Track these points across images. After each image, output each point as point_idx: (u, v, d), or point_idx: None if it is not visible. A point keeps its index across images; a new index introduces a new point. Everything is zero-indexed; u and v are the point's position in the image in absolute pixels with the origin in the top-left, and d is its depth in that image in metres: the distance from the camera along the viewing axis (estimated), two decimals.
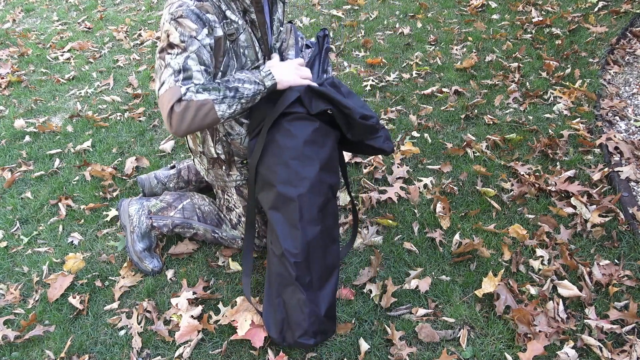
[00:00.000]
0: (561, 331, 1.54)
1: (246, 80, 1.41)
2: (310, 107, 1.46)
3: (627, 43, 3.01)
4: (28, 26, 4.08)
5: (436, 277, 1.77)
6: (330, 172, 1.50)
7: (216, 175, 1.76)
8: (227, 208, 1.84)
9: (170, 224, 1.83)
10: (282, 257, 1.43)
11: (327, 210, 1.48)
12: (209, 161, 1.72)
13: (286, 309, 1.46)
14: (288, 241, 1.42)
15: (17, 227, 2.13)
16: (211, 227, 1.84)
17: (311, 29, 3.54)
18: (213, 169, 1.74)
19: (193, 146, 1.72)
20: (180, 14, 1.35)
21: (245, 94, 1.40)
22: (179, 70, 1.34)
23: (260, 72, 1.43)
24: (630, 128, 2.39)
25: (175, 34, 1.35)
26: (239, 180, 1.75)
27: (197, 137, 1.67)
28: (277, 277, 1.46)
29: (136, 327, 1.67)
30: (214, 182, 1.79)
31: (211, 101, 1.34)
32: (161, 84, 1.36)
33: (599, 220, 1.87)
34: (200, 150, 1.70)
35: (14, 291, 1.83)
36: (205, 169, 1.77)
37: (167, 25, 1.36)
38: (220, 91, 1.36)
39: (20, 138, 2.70)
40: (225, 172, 1.73)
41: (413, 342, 1.57)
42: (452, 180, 2.17)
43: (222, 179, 1.76)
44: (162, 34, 1.39)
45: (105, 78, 3.22)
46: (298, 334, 1.44)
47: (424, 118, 2.57)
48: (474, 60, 2.95)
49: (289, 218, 1.43)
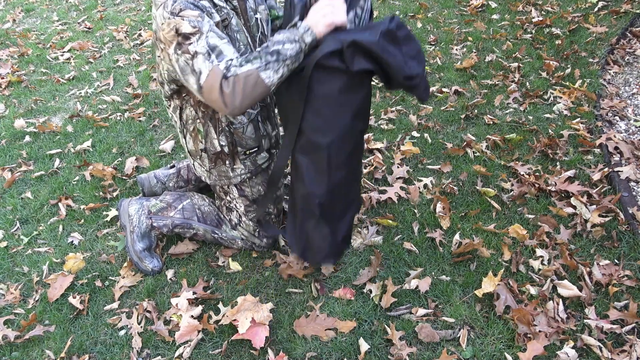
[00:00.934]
0: (561, 331, 1.54)
1: (285, 41, 1.32)
2: (351, 64, 1.32)
3: (627, 43, 3.01)
4: (28, 26, 4.08)
5: (436, 277, 1.77)
6: (362, 118, 1.43)
7: (219, 174, 1.74)
8: (227, 209, 1.83)
9: (170, 224, 1.83)
10: (306, 197, 1.45)
11: (355, 154, 1.47)
12: (211, 159, 1.70)
13: (309, 238, 1.53)
14: (314, 185, 1.42)
15: (17, 227, 2.13)
16: (211, 227, 1.84)
17: None
18: (216, 167, 1.72)
19: (194, 147, 1.70)
20: (180, 8, 1.33)
21: (288, 54, 1.32)
22: (207, 52, 1.31)
23: (298, 29, 1.33)
24: (630, 128, 2.39)
25: (183, 24, 1.32)
26: (243, 174, 1.74)
27: (199, 133, 1.65)
28: (301, 211, 1.50)
29: (136, 327, 1.67)
30: (217, 182, 1.77)
31: (255, 70, 1.29)
32: (198, 74, 1.31)
33: (599, 220, 1.87)
34: (201, 148, 1.68)
35: (14, 291, 1.83)
36: (207, 170, 1.74)
37: (173, 21, 1.33)
38: (262, 58, 1.30)
39: (20, 138, 2.70)
40: (229, 167, 1.71)
41: (413, 342, 1.57)
42: (452, 180, 2.17)
43: (226, 175, 1.73)
44: (169, 33, 1.34)
45: (105, 78, 3.22)
46: (319, 257, 1.57)
47: (424, 118, 2.57)
48: (474, 60, 2.95)
49: (317, 164, 1.41)
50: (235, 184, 1.77)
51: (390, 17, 1.33)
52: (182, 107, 1.62)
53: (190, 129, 1.66)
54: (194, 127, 1.65)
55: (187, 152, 1.75)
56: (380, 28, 1.29)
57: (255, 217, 1.81)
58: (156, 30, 1.41)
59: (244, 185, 1.77)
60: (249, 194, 1.79)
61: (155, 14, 1.39)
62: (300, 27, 1.33)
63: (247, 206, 1.80)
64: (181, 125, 1.67)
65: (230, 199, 1.80)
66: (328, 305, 1.70)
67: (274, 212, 1.85)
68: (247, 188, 1.78)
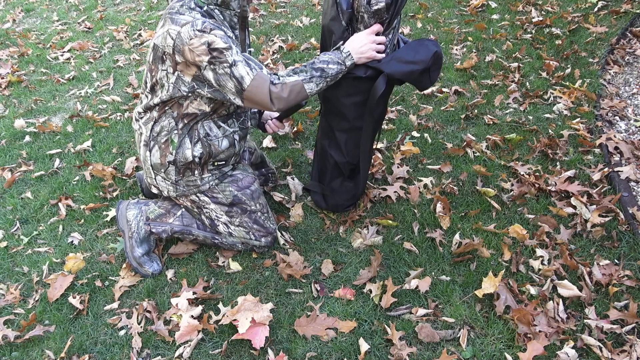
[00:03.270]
0: (561, 331, 1.54)
1: (330, 62, 1.58)
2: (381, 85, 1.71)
3: (627, 43, 3.01)
4: (28, 26, 4.08)
5: (436, 277, 1.77)
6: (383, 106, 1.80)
7: (187, 184, 1.73)
8: (212, 221, 1.82)
9: (169, 230, 1.83)
10: (342, 163, 1.87)
11: (379, 122, 1.86)
12: (179, 170, 1.69)
13: (334, 193, 1.98)
14: (351, 155, 1.85)
15: (17, 227, 2.13)
16: (211, 234, 1.84)
17: (311, 28, 3.54)
18: (183, 178, 1.72)
19: (160, 159, 1.68)
20: (210, 27, 1.47)
21: (330, 74, 1.58)
22: (244, 61, 1.50)
23: (342, 53, 1.59)
24: (630, 128, 2.39)
25: (217, 40, 1.46)
26: (212, 181, 1.75)
27: (171, 144, 1.65)
28: (331, 171, 1.93)
29: (136, 327, 1.67)
30: (185, 192, 1.75)
31: (301, 81, 1.54)
32: (240, 78, 1.49)
33: (599, 220, 1.87)
34: (169, 160, 1.67)
35: (14, 291, 1.83)
36: (172, 183, 1.73)
37: (205, 37, 1.45)
38: (307, 72, 1.56)
39: (20, 138, 2.70)
40: (198, 176, 1.72)
41: (413, 342, 1.57)
42: (452, 180, 2.17)
43: (194, 184, 1.73)
44: (199, 47, 1.45)
45: (105, 78, 3.22)
46: (343, 207, 2.03)
47: (424, 118, 2.57)
48: (474, 60, 2.95)
49: (354, 140, 1.82)
50: (204, 193, 1.76)
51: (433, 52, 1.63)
52: (157, 119, 1.64)
53: (161, 140, 1.66)
54: (167, 139, 1.65)
55: (148, 166, 1.73)
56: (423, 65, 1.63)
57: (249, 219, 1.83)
58: (175, 45, 1.48)
59: (214, 192, 1.76)
60: (222, 199, 1.77)
61: (177, 30, 1.47)
62: (344, 52, 1.58)
63: (227, 212, 1.79)
64: (148, 138, 1.67)
65: (209, 211, 1.79)
66: (328, 305, 1.70)
67: (257, 208, 1.84)
68: (219, 194, 1.77)
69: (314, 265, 1.85)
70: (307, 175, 2.27)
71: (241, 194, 1.78)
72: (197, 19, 1.48)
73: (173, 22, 1.49)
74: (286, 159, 2.37)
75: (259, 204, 1.83)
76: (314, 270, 1.83)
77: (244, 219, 1.81)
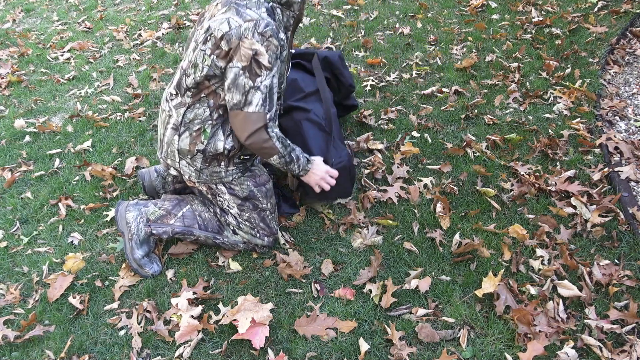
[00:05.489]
0: (561, 331, 1.54)
1: (299, 163, 1.74)
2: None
3: (627, 43, 3.01)
4: (28, 26, 4.08)
5: (436, 277, 1.77)
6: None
7: (211, 174, 1.74)
8: (222, 210, 1.83)
9: (170, 231, 1.83)
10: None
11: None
12: (207, 159, 1.70)
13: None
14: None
15: (17, 227, 2.13)
16: (212, 234, 1.84)
17: (311, 29, 3.54)
18: (209, 168, 1.72)
19: (188, 146, 1.69)
20: (270, 34, 1.50)
21: (291, 168, 1.73)
22: (265, 97, 1.56)
23: (307, 166, 1.77)
24: (630, 128, 2.39)
25: (265, 56, 1.51)
26: (235, 174, 1.76)
27: (202, 134, 1.66)
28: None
29: (136, 327, 1.67)
30: (207, 180, 1.76)
31: (278, 151, 1.64)
32: (248, 103, 1.55)
33: (599, 220, 1.87)
34: (199, 149, 1.68)
35: (14, 291, 1.83)
36: (196, 170, 1.73)
37: (257, 45, 1.49)
38: (286, 150, 1.67)
39: (20, 138, 2.70)
40: (224, 168, 1.73)
41: (413, 342, 1.57)
42: (452, 180, 2.17)
43: (218, 175, 1.74)
44: (247, 50, 1.49)
45: (105, 78, 3.22)
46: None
47: (424, 118, 2.57)
48: (474, 60, 2.95)
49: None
50: (223, 183, 1.77)
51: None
52: (191, 105, 1.64)
53: (193, 128, 1.66)
54: (200, 128, 1.66)
55: (172, 149, 1.72)
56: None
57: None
58: (227, 33, 1.50)
59: (232, 184, 1.77)
60: (239, 192, 1.79)
61: (239, 23, 1.51)
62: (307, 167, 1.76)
63: (239, 205, 1.80)
64: (179, 123, 1.67)
65: (222, 200, 1.80)
66: (328, 305, 1.70)
67: (268, 207, 1.85)
68: (237, 186, 1.78)
69: (314, 265, 1.85)
70: None
71: (257, 190, 1.81)
72: (262, 19, 1.50)
73: (238, 14, 1.52)
74: None
75: (270, 203, 1.85)
76: (314, 270, 1.83)
77: (253, 215, 1.82)
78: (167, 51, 3.48)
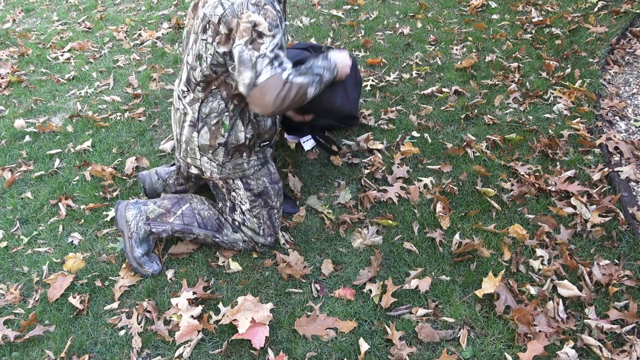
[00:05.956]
0: (561, 331, 1.54)
1: (325, 69, 1.64)
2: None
3: (627, 43, 3.01)
4: (28, 26, 4.08)
5: (436, 277, 1.77)
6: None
7: (235, 167, 1.73)
8: (231, 208, 1.83)
9: (169, 229, 1.83)
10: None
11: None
12: (229, 152, 1.69)
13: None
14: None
15: (17, 227, 2.13)
16: (212, 232, 1.84)
17: (311, 29, 3.54)
18: (231, 160, 1.72)
19: (209, 141, 1.67)
20: (264, 2, 1.47)
21: (325, 80, 1.64)
22: (273, 58, 1.47)
23: (330, 61, 1.68)
24: (630, 128, 2.39)
25: (264, 24, 1.45)
26: (256, 165, 1.77)
27: (222, 127, 1.65)
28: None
29: (136, 327, 1.67)
30: (230, 174, 1.75)
31: (306, 84, 1.53)
32: (258, 73, 1.46)
33: (599, 220, 1.87)
34: (220, 142, 1.67)
35: (14, 291, 1.83)
36: (219, 164, 1.72)
37: (254, 16, 1.45)
38: (310, 76, 1.56)
39: (20, 138, 2.70)
40: (246, 159, 1.74)
41: (413, 342, 1.57)
42: (452, 180, 2.17)
43: (241, 167, 1.74)
44: (246, 23, 1.45)
45: (105, 78, 3.22)
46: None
47: (424, 118, 2.57)
48: (474, 60, 2.95)
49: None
50: (240, 178, 1.76)
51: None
52: (204, 100, 1.62)
53: (211, 122, 1.65)
54: (218, 121, 1.65)
55: (192, 147, 1.71)
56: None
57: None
58: (223, 15, 1.48)
59: (249, 179, 1.77)
60: (254, 187, 1.79)
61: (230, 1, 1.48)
62: (332, 61, 1.68)
63: (252, 201, 1.80)
64: (196, 119, 1.65)
65: (236, 195, 1.80)
66: (328, 305, 1.70)
67: (277, 206, 1.86)
68: (253, 181, 1.78)
69: (314, 265, 1.85)
70: (306, 175, 2.27)
71: (271, 187, 1.82)
72: None
73: None
74: (286, 158, 2.37)
75: (279, 202, 1.86)
76: (314, 270, 1.83)
77: (263, 212, 1.82)
78: (167, 51, 3.48)
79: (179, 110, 1.71)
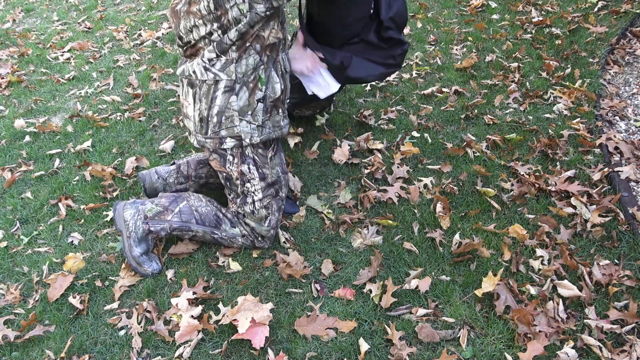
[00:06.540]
0: (561, 331, 1.54)
1: None
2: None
3: (627, 43, 3.01)
4: (28, 26, 4.08)
5: (436, 277, 1.77)
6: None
7: (274, 124, 1.74)
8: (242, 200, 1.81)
9: (167, 227, 1.83)
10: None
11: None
12: (267, 109, 1.70)
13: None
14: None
15: (17, 227, 2.13)
16: (210, 228, 1.84)
17: None
18: (271, 118, 1.73)
19: (248, 100, 1.64)
20: None
21: None
22: None
23: None
24: (630, 128, 2.39)
25: None
26: (287, 125, 1.81)
27: (258, 82, 1.64)
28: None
29: (136, 327, 1.67)
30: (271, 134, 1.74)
31: None
32: None
33: (599, 220, 1.87)
34: (258, 98, 1.66)
35: (14, 291, 1.83)
36: (259, 126, 1.69)
37: None
38: None
39: (20, 138, 2.70)
40: (281, 116, 1.77)
41: (413, 342, 1.57)
42: (452, 180, 2.17)
43: (278, 125, 1.77)
44: None
45: (105, 78, 3.22)
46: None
47: (424, 118, 2.57)
48: (474, 60, 2.95)
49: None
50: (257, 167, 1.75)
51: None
52: (238, 59, 1.59)
53: (249, 80, 1.63)
54: (255, 76, 1.64)
55: (230, 114, 1.65)
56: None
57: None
58: None
59: (265, 166, 1.77)
60: (268, 177, 1.79)
61: None
62: None
63: (264, 190, 1.81)
64: (233, 82, 1.61)
65: (250, 186, 1.79)
66: (328, 305, 1.70)
67: (284, 197, 1.88)
68: (268, 169, 1.78)
69: (314, 265, 1.85)
70: (306, 175, 2.27)
71: (282, 177, 1.84)
72: None
73: None
74: (286, 158, 2.37)
75: (284, 193, 1.89)
76: (314, 270, 1.83)
77: (272, 202, 1.83)
78: (167, 51, 3.48)
79: (205, 83, 1.63)
